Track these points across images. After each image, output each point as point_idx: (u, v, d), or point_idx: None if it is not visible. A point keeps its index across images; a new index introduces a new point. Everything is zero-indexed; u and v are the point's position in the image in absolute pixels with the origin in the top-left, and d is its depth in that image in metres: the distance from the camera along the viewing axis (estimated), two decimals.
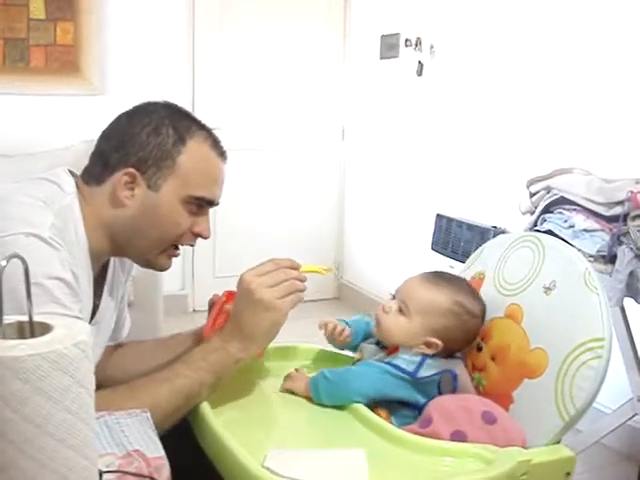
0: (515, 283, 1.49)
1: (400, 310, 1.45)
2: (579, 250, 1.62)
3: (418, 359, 1.41)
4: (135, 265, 1.64)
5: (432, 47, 4.04)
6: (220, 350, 1.33)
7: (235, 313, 1.36)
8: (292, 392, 1.43)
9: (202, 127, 1.45)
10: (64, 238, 1.28)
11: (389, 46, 4.42)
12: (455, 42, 3.89)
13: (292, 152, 4.87)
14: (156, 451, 1.06)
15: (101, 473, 0.89)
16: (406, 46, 4.22)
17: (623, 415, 2.45)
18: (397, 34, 4.33)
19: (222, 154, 1.47)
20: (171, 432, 1.21)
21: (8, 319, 0.77)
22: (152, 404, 1.21)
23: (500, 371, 1.44)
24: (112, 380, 1.35)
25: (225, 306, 1.49)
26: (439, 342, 1.42)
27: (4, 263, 0.73)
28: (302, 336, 1.72)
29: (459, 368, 1.45)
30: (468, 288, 1.51)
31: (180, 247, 1.47)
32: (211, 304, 1.56)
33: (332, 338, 1.55)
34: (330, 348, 1.60)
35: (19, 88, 4.00)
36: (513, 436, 1.28)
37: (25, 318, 0.78)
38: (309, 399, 1.40)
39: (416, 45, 4.14)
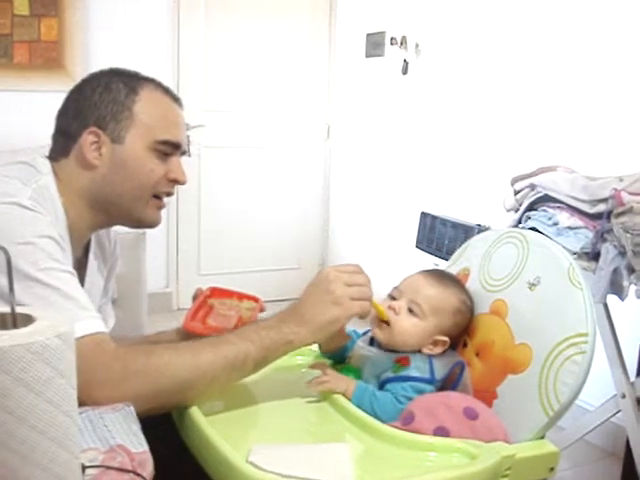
0: (500, 279, 1.50)
1: (410, 310, 1.44)
2: (563, 247, 1.62)
3: (427, 363, 1.41)
4: (119, 262, 1.64)
5: (417, 46, 4.04)
6: (274, 327, 1.32)
7: (302, 297, 1.35)
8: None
9: (151, 79, 1.49)
10: (43, 213, 1.28)
11: (374, 44, 4.42)
12: (440, 41, 3.90)
13: (277, 150, 4.87)
14: (140, 446, 1.05)
15: (84, 468, 0.89)
16: (391, 44, 4.23)
17: (606, 412, 2.46)
18: (382, 32, 4.33)
19: (176, 99, 1.50)
20: (154, 427, 1.20)
21: None
22: (193, 364, 1.22)
23: (484, 367, 1.44)
24: None
25: (208, 300, 1.49)
26: (447, 339, 1.43)
27: None
28: None
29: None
30: (461, 284, 1.53)
31: (164, 198, 1.48)
32: (194, 297, 1.55)
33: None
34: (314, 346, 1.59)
35: (2, 84, 3.97)
36: (495, 431, 1.28)
37: (7, 309, 0.77)
38: (297, 395, 1.40)
39: (401, 43, 4.14)
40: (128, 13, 4.30)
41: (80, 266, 1.46)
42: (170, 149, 1.44)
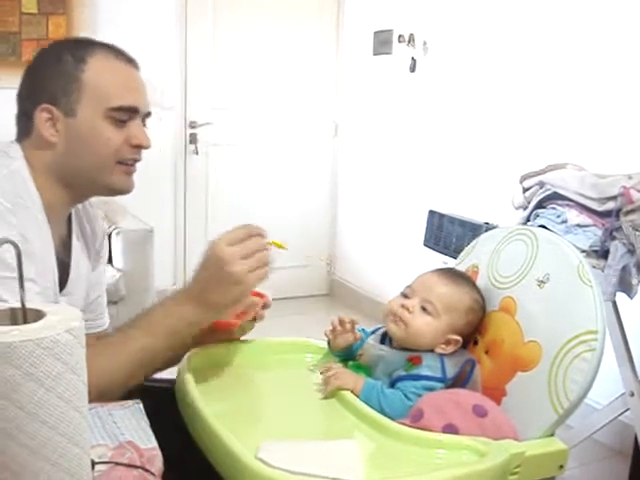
0: (509, 276, 1.49)
1: (424, 309, 1.43)
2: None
3: (439, 362, 1.40)
4: (104, 253, 1.63)
5: (425, 43, 4.03)
6: (178, 316, 1.33)
7: (200, 278, 1.34)
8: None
9: (102, 44, 1.44)
10: (13, 202, 1.28)
11: (382, 42, 4.42)
12: (448, 38, 3.89)
13: (285, 148, 4.86)
14: (149, 442, 1.05)
15: (93, 464, 0.89)
16: (399, 42, 4.22)
17: (614, 410, 2.46)
18: (390, 30, 4.32)
19: (129, 61, 1.45)
20: (163, 423, 1.20)
21: (0, 305, 0.76)
22: (104, 369, 1.23)
23: (493, 364, 1.43)
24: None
25: None
26: (459, 338, 1.42)
27: None
28: (294, 331, 1.71)
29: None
30: (473, 282, 1.52)
31: (132, 164, 1.45)
32: None
33: (341, 333, 1.51)
34: (321, 343, 1.59)
35: (11, 82, 3.95)
36: (504, 429, 1.28)
37: (18, 305, 0.77)
38: (308, 391, 1.40)
39: (409, 41, 4.13)
40: (136, 11, 4.31)
41: (65, 245, 1.47)
42: (126, 115, 1.40)
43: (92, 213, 1.61)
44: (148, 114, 1.46)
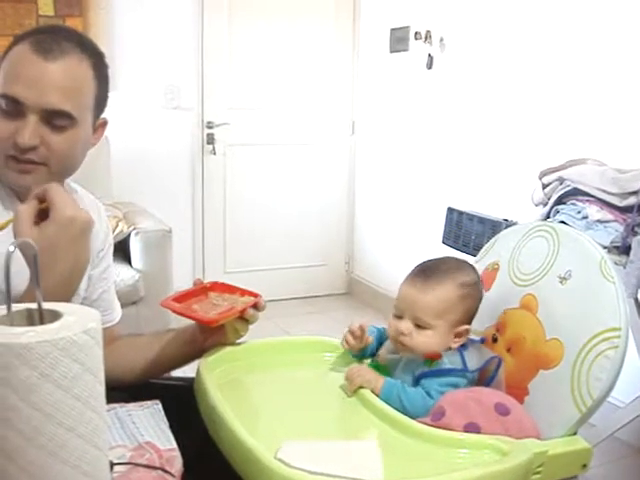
0: (530, 273, 1.47)
1: (418, 326, 1.40)
2: None
3: (458, 356, 1.39)
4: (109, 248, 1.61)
5: (442, 40, 4.02)
6: None
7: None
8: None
9: (48, 32, 1.36)
10: None
11: (399, 39, 4.40)
12: (465, 34, 3.87)
13: (302, 147, 4.86)
14: (168, 443, 1.05)
15: (112, 465, 0.88)
16: (416, 39, 4.21)
17: (637, 408, 2.43)
18: (407, 27, 4.31)
19: (44, 52, 1.31)
20: (182, 424, 1.19)
21: (17, 306, 0.76)
22: None
23: (515, 362, 1.42)
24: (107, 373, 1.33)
25: (209, 292, 1.48)
26: (467, 327, 1.41)
27: (12, 249, 0.71)
28: (313, 330, 1.71)
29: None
30: (453, 263, 1.47)
31: (23, 160, 1.33)
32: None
33: (356, 342, 1.49)
34: (340, 342, 1.58)
35: None
36: (527, 427, 1.27)
37: (34, 305, 0.76)
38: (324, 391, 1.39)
39: (426, 38, 4.12)
40: (152, 13, 4.32)
41: None
42: (10, 105, 1.30)
43: (93, 212, 1.54)
44: (53, 113, 1.32)
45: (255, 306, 1.44)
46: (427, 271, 1.44)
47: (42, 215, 1.16)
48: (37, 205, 1.16)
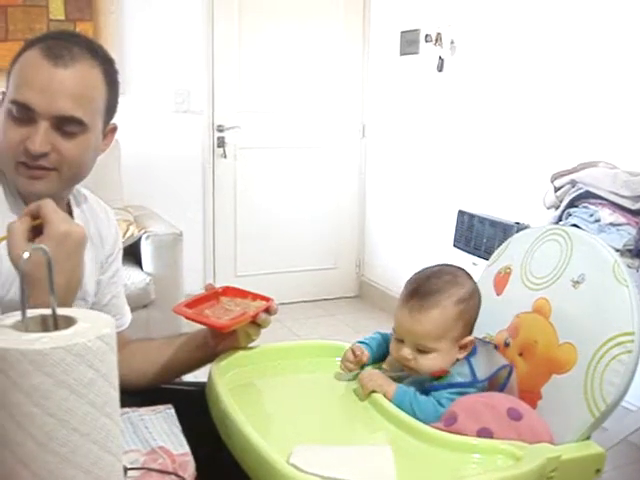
0: (543, 277, 1.47)
1: (420, 351, 1.38)
2: None
3: (466, 367, 1.38)
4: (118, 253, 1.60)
5: (452, 42, 4.01)
6: None
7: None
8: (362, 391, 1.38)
9: (49, 41, 1.35)
10: None
11: (409, 42, 4.40)
12: (475, 37, 3.86)
13: (313, 150, 4.86)
14: (181, 447, 1.05)
15: (126, 470, 0.88)
16: (426, 42, 4.20)
17: None
18: (417, 30, 4.30)
19: (52, 57, 1.31)
20: (194, 428, 1.19)
21: (31, 312, 0.76)
22: None
23: (528, 367, 1.41)
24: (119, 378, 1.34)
25: (221, 297, 1.48)
26: (471, 338, 1.40)
27: (27, 255, 0.71)
28: (324, 334, 1.70)
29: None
30: (446, 277, 1.42)
31: (33, 167, 1.33)
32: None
33: (354, 364, 1.48)
34: (347, 345, 1.58)
35: None
36: (540, 432, 1.26)
37: (48, 311, 0.76)
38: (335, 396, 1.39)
39: (436, 41, 4.11)
40: (161, 17, 4.32)
41: None
42: (21, 112, 1.30)
43: (102, 217, 1.56)
44: (58, 117, 1.31)
45: (267, 310, 1.44)
46: (420, 292, 1.39)
47: (35, 231, 1.15)
48: (30, 221, 1.15)
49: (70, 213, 1.46)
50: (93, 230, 1.53)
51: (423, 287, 1.40)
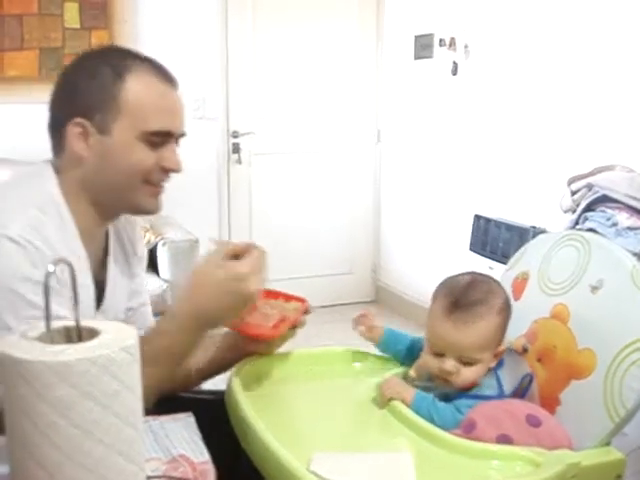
0: (561, 283, 1.47)
1: (464, 362, 1.35)
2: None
3: (494, 379, 1.38)
4: (143, 263, 1.63)
5: (466, 46, 4.01)
6: (190, 337, 1.35)
7: (208, 298, 1.33)
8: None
9: (143, 60, 1.40)
10: (42, 232, 1.26)
11: (423, 46, 4.40)
12: (489, 41, 3.86)
13: (327, 155, 4.86)
14: (201, 456, 1.05)
15: (148, 478, 0.89)
16: (440, 46, 4.20)
17: None
18: (431, 34, 4.30)
19: (169, 81, 1.41)
20: (215, 436, 1.20)
21: (55, 324, 0.77)
22: None
23: (547, 373, 1.41)
24: None
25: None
26: (504, 347, 1.39)
27: (52, 269, 0.72)
28: (341, 339, 1.70)
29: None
30: (483, 286, 1.40)
31: (158, 185, 1.42)
32: None
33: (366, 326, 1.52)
34: (369, 351, 1.58)
35: None
36: (559, 438, 1.26)
37: (72, 323, 0.77)
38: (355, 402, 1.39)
39: (450, 45, 4.11)
40: (176, 24, 4.34)
41: (101, 262, 1.46)
42: (161, 138, 1.37)
43: (131, 220, 1.59)
44: (182, 134, 1.44)
45: (304, 311, 1.49)
46: (461, 304, 1.37)
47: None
48: (230, 252, 1.33)
49: None
50: (125, 235, 1.56)
51: (464, 299, 1.37)
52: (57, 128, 1.37)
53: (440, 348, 1.37)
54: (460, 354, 1.35)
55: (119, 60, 1.37)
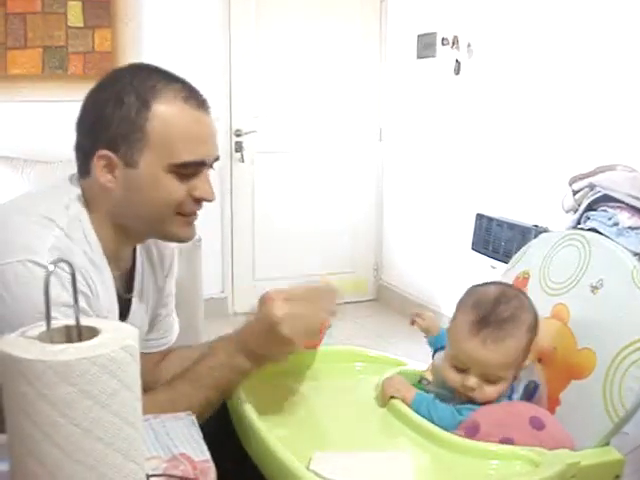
0: (561, 282, 1.47)
1: (488, 380, 1.32)
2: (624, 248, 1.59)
3: (508, 390, 1.37)
4: (174, 270, 1.63)
5: (469, 45, 4.00)
6: (225, 366, 1.32)
7: (251, 330, 1.33)
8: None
9: (171, 81, 1.34)
10: (69, 255, 1.22)
11: (426, 45, 4.39)
12: (492, 40, 3.86)
13: (330, 154, 4.86)
14: (202, 454, 1.05)
15: (148, 477, 0.89)
16: (443, 45, 4.20)
17: None
18: (434, 33, 4.30)
19: (200, 105, 1.35)
20: (215, 434, 1.20)
21: (55, 323, 0.77)
22: None
23: (546, 373, 1.41)
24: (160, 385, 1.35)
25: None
26: (526, 363, 1.37)
27: (52, 267, 0.73)
28: (342, 338, 1.70)
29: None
30: (513, 301, 1.35)
31: (194, 213, 1.39)
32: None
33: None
34: (370, 351, 1.59)
35: (58, 95, 4.03)
36: (562, 441, 1.26)
37: (72, 322, 0.78)
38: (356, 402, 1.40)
39: (453, 44, 4.11)
40: (180, 24, 4.35)
41: (127, 279, 1.45)
42: (192, 169, 1.32)
43: (163, 246, 1.58)
44: (216, 159, 1.39)
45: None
46: (492, 321, 1.32)
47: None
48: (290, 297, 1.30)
49: None
50: (154, 249, 1.56)
51: (494, 315, 1.33)
52: (83, 152, 1.34)
53: (464, 364, 1.33)
54: (484, 371, 1.31)
55: (145, 85, 1.31)
